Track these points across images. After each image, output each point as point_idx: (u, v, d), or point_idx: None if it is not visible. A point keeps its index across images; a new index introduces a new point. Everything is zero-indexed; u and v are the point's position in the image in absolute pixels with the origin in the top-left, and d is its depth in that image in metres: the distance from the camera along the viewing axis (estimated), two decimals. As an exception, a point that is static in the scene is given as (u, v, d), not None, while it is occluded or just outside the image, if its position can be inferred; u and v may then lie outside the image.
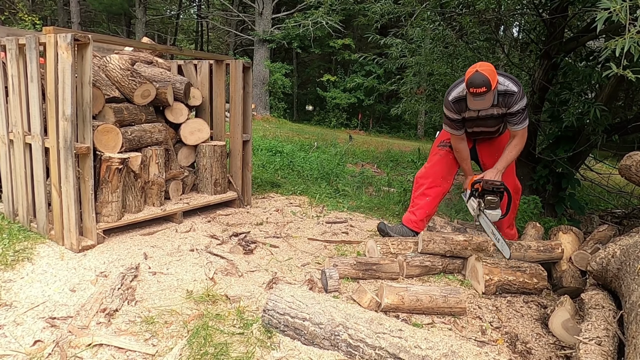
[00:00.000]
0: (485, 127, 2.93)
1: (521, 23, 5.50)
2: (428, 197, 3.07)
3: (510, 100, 2.73)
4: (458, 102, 2.86)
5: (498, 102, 2.75)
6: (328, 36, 17.00)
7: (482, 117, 2.86)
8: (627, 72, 2.05)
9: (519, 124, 2.80)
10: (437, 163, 3.11)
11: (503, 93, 2.74)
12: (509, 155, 2.84)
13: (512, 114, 2.76)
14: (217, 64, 3.70)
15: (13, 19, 15.18)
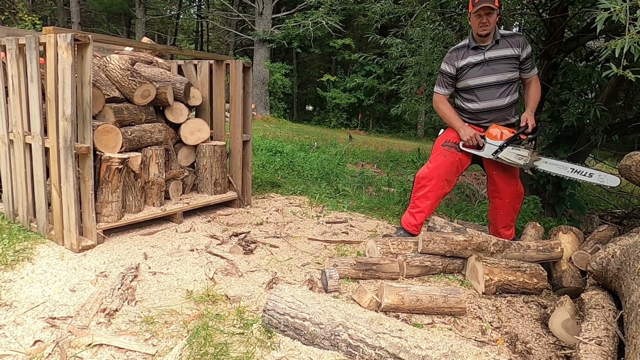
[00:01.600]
0: (496, 76, 2.85)
1: (521, 23, 5.50)
2: (429, 200, 3.01)
3: (519, 40, 2.81)
4: (457, 50, 2.94)
5: (509, 43, 2.81)
6: (328, 36, 17.00)
7: (492, 59, 2.84)
8: (627, 72, 2.05)
9: (534, 68, 2.90)
10: (441, 164, 2.98)
11: (510, 35, 2.84)
12: (535, 96, 2.89)
13: (528, 57, 2.82)
14: (217, 64, 3.70)
15: (13, 19, 15.18)
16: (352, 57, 17.10)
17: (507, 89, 2.88)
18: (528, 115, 2.80)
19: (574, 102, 3.70)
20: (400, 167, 7.24)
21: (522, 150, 2.78)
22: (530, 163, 2.76)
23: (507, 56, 2.82)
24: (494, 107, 2.90)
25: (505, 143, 2.80)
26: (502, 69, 2.85)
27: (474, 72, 2.88)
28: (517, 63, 2.85)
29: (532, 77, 2.89)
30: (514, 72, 2.86)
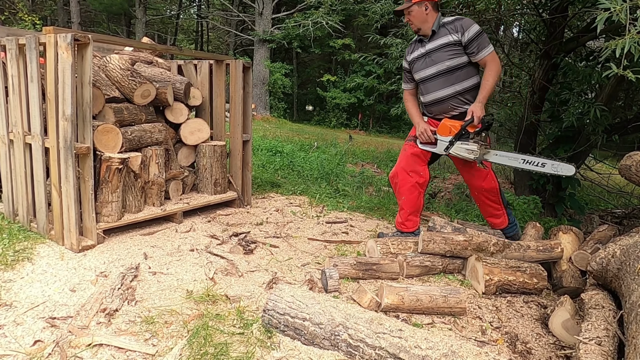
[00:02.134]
0: (435, 67, 2.82)
1: (521, 23, 5.50)
2: (403, 195, 3.04)
3: (458, 24, 2.71)
4: (410, 44, 3.00)
5: (448, 30, 2.74)
6: (328, 36, 17.01)
7: (431, 50, 2.81)
8: (627, 72, 2.05)
9: (483, 49, 2.71)
10: (402, 159, 3.05)
11: (451, 21, 2.75)
12: (486, 83, 2.71)
13: (471, 39, 2.68)
14: (217, 64, 3.70)
15: (13, 19, 15.18)
16: (352, 57, 17.10)
17: (450, 78, 2.80)
18: (474, 107, 2.70)
19: (574, 102, 3.71)
20: (400, 167, 7.23)
21: (470, 145, 2.70)
22: (480, 157, 2.71)
23: (444, 44, 2.75)
24: (437, 99, 2.87)
25: (453, 139, 2.75)
26: (440, 58, 2.79)
27: (419, 66, 2.90)
28: (458, 49, 2.75)
29: (482, 59, 2.72)
30: (454, 59, 2.77)
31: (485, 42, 2.72)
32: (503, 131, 6.46)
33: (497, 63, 2.74)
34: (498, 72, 2.74)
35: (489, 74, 2.72)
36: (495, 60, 2.73)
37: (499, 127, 6.47)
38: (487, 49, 2.72)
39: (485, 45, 2.71)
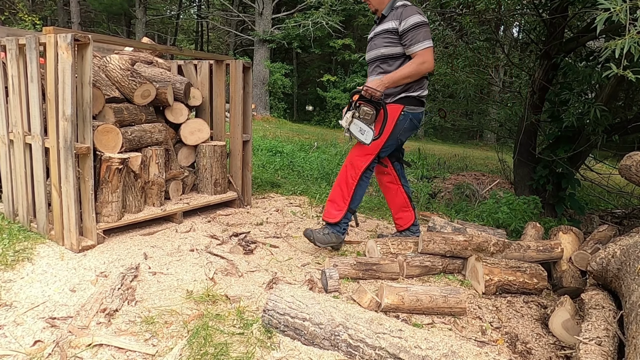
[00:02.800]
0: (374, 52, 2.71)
1: (521, 23, 5.51)
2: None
3: (399, 12, 2.56)
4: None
5: (392, 16, 2.60)
6: (328, 36, 17.01)
7: (376, 34, 2.71)
8: (627, 73, 2.05)
9: (416, 44, 2.51)
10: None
11: (398, 7, 2.61)
12: (400, 70, 2.55)
13: (405, 30, 2.52)
14: (217, 64, 3.70)
15: (13, 19, 15.18)
16: (352, 57, 17.11)
17: (382, 66, 2.68)
18: (371, 80, 2.59)
19: (574, 102, 3.71)
20: (400, 167, 7.23)
21: (348, 112, 2.61)
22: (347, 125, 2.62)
23: (384, 30, 2.62)
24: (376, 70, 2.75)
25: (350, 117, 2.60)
26: (379, 44, 2.68)
27: (367, 48, 2.81)
28: (394, 37, 2.60)
29: (411, 53, 2.54)
30: (389, 47, 2.62)
31: (421, 36, 2.51)
32: (503, 131, 6.47)
33: (424, 60, 2.52)
34: (420, 69, 2.54)
35: (408, 64, 2.56)
36: (422, 57, 2.52)
37: (499, 127, 6.48)
38: (420, 44, 2.52)
39: (419, 40, 2.51)
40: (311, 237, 2.77)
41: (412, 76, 2.56)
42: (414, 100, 2.69)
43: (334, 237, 2.81)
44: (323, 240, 2.79)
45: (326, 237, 2.79)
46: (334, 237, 2.81)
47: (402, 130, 2.73)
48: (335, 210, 2.77)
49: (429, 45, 2.54)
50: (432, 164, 8.14)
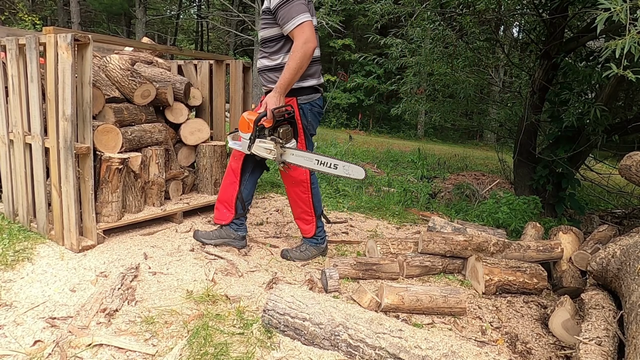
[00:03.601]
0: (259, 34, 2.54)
1: (521, 23, 5.51)
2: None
3: None
4: None
5: None
6: (328, 36, 17.01)
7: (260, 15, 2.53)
8: (627, 73, 2.05)
9: (288, 22, 2.21)
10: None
11: None
12: (286, 67, 2.25)
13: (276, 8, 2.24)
14: (217, 64, 3.70)
15: (13, 19, 15.18)
16: (352, 57, 17.10)
17: (263, 50, 2.51)
18: (268, 97, 2.32)
19: (574, 102, 3.71)
20: (400, 167, 7.24)
21: (267, 142, 2.32)
22: (279, 156, 2.34)
23: (262, 10, 2.39)
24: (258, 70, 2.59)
25: (252, 135, 2.33)
26: (260, 26, 2.48)
27: None
28: (269, 17, 2.35)
29: (288, 32, 2.27)
30: (265, 29, 2.41)
31: (293, 12, 2.19)
32: (503, 131, 6.47)
33: (305, 39, 2.21)
34: (305, 51, 2.22)
35: (290, 56, 2.25)
36: (301, 35, 2.21)
37: (499, 127, 6.49)
38: (291, 21, 2.20)
39: (291, 16, 2.19)
40: (288, 257, 2.73)
41: (301, 64, 2.25)
42: (308, 89, 2.46)
43: (313, 249, 2.76)
44: (303, 257, 2.73)
45: (305, 253, 2.74)
46: (313, 249, 2.76)
47: (308, 124, 2.53)
48: (306, 225, 2.72)
49: (304, 19, 2.21)
50: (432, 164, 8.14)
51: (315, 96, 2.51)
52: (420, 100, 6.50)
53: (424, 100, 6.45)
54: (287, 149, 2.34)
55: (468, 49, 5.04)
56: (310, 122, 2.54)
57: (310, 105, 2.50)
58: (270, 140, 2.31)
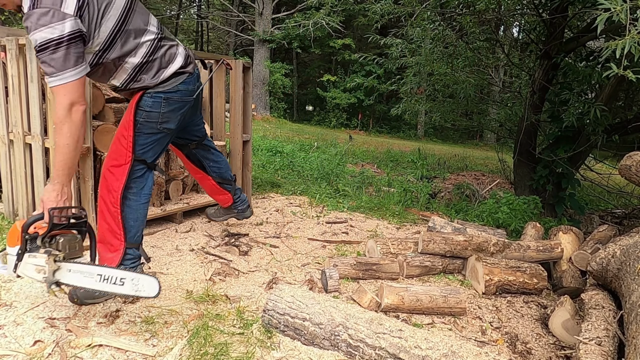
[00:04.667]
0: None
1: (521, 23, 5.51)
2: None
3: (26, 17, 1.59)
4: None
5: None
6: (328, 36, 17.02)
7: None
8: (627, 73, 2.05)
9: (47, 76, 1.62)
10: None
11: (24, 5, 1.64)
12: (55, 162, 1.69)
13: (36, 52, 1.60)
14: (217, 64, 3.69)
15: (13, 19, 15.19)
16: (352, 57, 17.11)
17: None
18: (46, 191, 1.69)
19: (574, 102, 3.71)
20: (400, 167, 7.25)
21: (39, 257, 1.63)
22: (51, 275, 1.63)
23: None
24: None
25: (20, 249, 1.65)
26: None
27: None
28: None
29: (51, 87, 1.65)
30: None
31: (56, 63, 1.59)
32: (503, 131, 6.47)
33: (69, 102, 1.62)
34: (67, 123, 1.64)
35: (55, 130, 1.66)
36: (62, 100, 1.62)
37: (499, 127, 6.49)
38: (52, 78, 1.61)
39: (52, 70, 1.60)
40: (75, 298, 1.96)
41: (69, 143, 1.66)
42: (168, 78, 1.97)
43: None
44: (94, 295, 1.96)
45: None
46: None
47: (160, 117, 1.98)
48: (109, 253, 2.00)
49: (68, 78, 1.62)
50: (432, 164, 8.15)
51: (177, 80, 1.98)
52: (420, 100, 6.51)
53: (424, 100, 6.46)
54: (62, 264, 1.66)
55: (468, 49, 5.04)
56: (165, 114, 1.98)
57: (165, 95, 1.96)
58: (43, 253, 1.63)
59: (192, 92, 2.05)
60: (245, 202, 2.90)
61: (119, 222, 1.98)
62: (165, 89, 1.96)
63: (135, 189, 2.02)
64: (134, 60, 1.87)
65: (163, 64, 1.94)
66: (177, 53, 2.00)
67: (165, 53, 1.96)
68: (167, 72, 1.95)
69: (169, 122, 2.02)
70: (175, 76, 1.98)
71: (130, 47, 1.85)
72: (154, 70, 1.92)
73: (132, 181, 2.00)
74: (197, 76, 2.11)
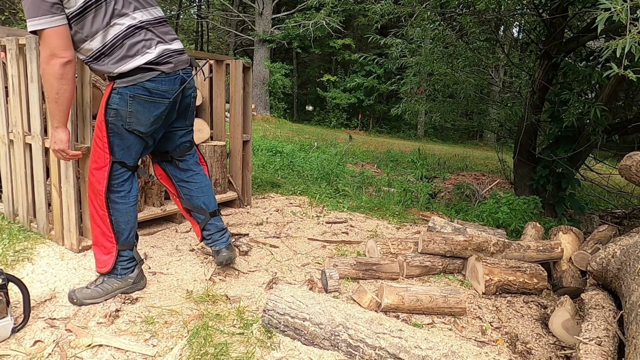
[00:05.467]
0: None
1: (521, 23, 5.51)
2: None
3: None
4: None
5: None
6: (328, 36, 17.02)
7: None
8: (627, 73, 2.05)
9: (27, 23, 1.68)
10: None
11: None
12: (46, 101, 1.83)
13: None
14: (217, 64, 3.69)
15: (13, 19, 15.18)
16: (352, 57, 17.12)
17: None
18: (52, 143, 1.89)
19: (574, 102, 3.71)
20: (400, 167, 7.24)
21: None
22: None
23: None
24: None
25: None
26: None
27: None
28: None
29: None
30: None
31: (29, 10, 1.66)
32: (503, 131, 6.47)
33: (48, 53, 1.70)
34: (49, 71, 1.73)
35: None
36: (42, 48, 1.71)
37: (499, 127, 6.49)
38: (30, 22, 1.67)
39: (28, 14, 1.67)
40: (74, 299, 1.98)
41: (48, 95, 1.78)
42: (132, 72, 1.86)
43: (115, 281, 2.05)
44: (95, 295, 2.00)
45: (100, 288, 2.01)
46: (114, 281, 2.05)
47: (127, 116, 1.89)
48: (104, 256, 2.04)
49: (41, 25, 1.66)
50: (432, 164, 8.14)
51: (142, 77, 1.86)
52: (420, 100, 6.51)
53: (424, 100, 6.46)
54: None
55: (468, 49, 5.04)
56: (135, 113, 1.89)
57: (132, 91, 1.86)
58: None
59: (166, 92, 1.91)
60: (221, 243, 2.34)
61: (108, 225, 1.99)
62: (129, 84, 1.86)
63: (123, 192, 2.00)
64: (100, 38, 1.81)
65: (130, 53, 1.84)
66: (152, 48, 1.88)
67: (137, 43, 1.85)
68: (131, 63, 1.84)
69: (138, 124, 1.91)
70: (141, 71, 1.86)
71: (100, 24, 1.79)
72: (117, 56, 1.83)
73: (116, 185, 1.98)
74: (176, 79, 1.95)
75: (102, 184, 1.95)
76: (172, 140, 2.20)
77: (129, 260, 2.08)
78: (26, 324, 1.78)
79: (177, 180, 2.30)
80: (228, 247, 2.34)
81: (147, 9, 1.93)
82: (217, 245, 2.34)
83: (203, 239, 2.39)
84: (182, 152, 2.25)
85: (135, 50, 1.85)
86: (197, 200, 2.30)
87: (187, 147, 2.26)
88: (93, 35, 1.80)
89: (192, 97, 2.13)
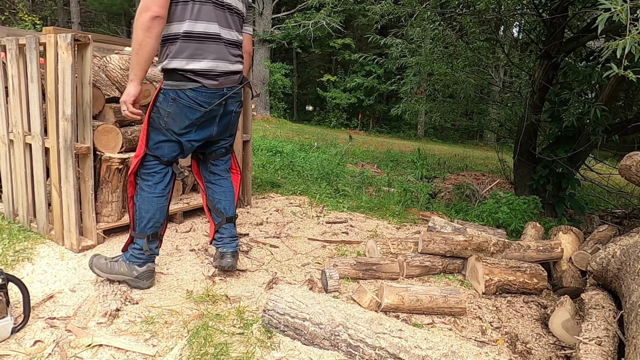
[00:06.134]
0: None
1: (521, 23, 5.51)
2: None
3: None
4: None
5: None
6: (328, 36, 17.03)
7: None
8: (627, 73, 2.05)
9: None
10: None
11: None
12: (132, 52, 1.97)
13: None
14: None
15: (13, 19, 15.18)
16: (352, 57, 17.12)
17: None
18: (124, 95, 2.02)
19: (574, 102, 3.71)
20: (400, 167, 7.25)
21: None
22: None
23: None
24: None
25: None
26: None
27: None
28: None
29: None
30: None
31: None
32: (503, 131, 6.47)
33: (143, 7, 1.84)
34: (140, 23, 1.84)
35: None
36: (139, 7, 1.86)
37: (499, 127, 6.49)
38: None
39: None
40: (91, 261, 2.16)
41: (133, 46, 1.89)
42: (178, 75, 1.98)
43: (124, 267, 2.13)
44: (103, 268, 2.14)
45: (110, 264, 2.14)
46: (123, 267, 2.13)
47: (166, 116, 2.02)
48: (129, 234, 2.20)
49: None
50: (432, 164, 8.15)
51: (186, 85, 1.98)
52: (420, 100, 6.51)
53: (424, 100, 6.46)
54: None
55: (468, 49, 5.04)
56: (172, 115, 2.02)
57: (174, 94, 1.99)
58: None
59: (204, 102, 2.03)
60: (229, 247, 2.39)
61: (131, 209, 2.15)
62: (173, 88, 1.99)
63: (151, 182, 2.12)
64: (180, 27, 1.94)
65: (189, 53, 1.97)
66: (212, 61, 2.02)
67: (203, 49, 1.99)
68: (183, 63, 1.96)
69: (174, 124, 2.04)
70: (186, 79, 1.99)
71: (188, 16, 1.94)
72: (178, 49, 1.96)
73: (146, 174, 2.12)
74: (216, 93, 2.07)
75: (134, 169, 2.11)
76: (210, 144, 2.33)
77: (140, 251, 2.15)
78: (26, 324, 1.80)
79: (206, 180, 2.43)
80: (233, 255, 2.39)
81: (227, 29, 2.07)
82: (224, 247, 2.39)
83: (213, 240, 2.45)
84: (217, 156, 2.38)
85: (196, 54, 1.98)
86: (218, 203, 2.41)
87: (222, 154, 2.39)
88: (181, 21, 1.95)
89: (234, 113, 2.24)
